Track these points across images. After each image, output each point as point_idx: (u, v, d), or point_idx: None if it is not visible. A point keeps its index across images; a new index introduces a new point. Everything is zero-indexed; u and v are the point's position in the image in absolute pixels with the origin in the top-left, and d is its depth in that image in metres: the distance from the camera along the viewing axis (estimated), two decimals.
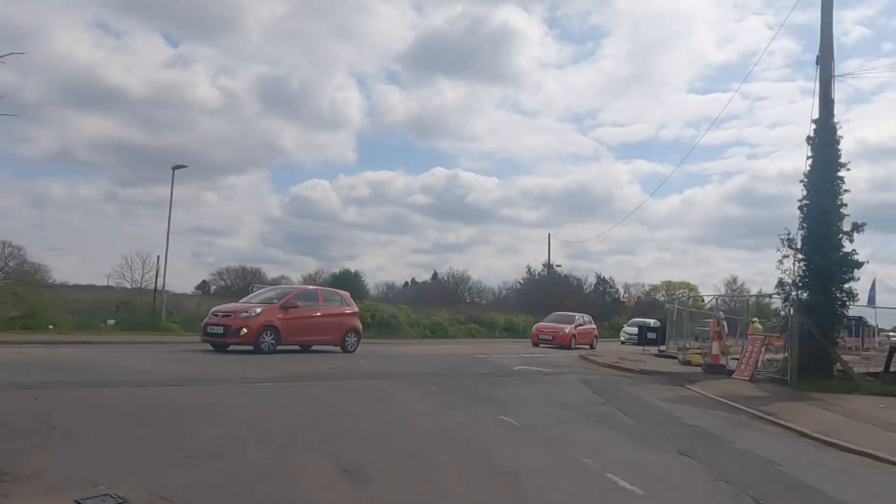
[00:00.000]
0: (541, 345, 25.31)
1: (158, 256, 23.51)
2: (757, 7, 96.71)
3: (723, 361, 16.21)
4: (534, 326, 28.01)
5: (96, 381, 8.29)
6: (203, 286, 58.36)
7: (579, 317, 27.89)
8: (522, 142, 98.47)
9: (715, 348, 16.50)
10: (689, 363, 18.14)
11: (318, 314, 15.72)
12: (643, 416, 9.12)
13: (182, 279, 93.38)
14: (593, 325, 28.98)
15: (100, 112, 78.42)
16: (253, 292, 18.00)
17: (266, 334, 14.01)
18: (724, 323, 18.55)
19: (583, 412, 8.95)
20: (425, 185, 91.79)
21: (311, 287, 18.62)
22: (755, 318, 22.38)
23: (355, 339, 16.58)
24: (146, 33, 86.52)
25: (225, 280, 56.67)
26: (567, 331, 25.85)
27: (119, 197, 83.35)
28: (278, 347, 14.31)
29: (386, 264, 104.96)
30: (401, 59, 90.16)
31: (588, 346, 26.19)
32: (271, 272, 60.70)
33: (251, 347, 13.86)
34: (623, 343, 32.27)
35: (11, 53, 5.14)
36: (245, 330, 13.73)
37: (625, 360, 18.86)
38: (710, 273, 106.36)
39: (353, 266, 66.61)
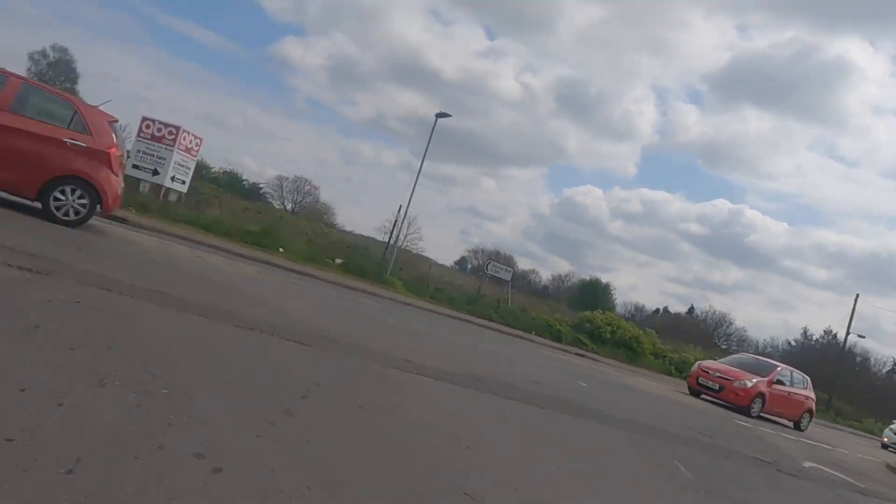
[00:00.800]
0: (702, 395, 16.90)
1: (401, 206, 22.16)
2: None
3: None
4: (696, 363, 18.66)
5: (219, 310, 5.95)
6: (461, 262, 60.68)
7: (784, 370, 17.81)
8: (829, 190, 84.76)
9: None
10: None
11: None
12: None
13: (445, 251, 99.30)
14: (809, 393, 18.04)
15: (415, 89, 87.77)
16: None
17: None
18: None
19: None
20: (702, 215, 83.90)
21: None
22: None
23: (85, 201, 8.31)
24: (470, 24, 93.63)
25: (478, 259, 58.81)
26: (749, 384, 16.02)
27: (412, 167, 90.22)
28: None
29: (639, 285, 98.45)
30: (709, 79, 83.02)
31: (791, 423, 17.49)
32: (523, 264, 60.55)
33: None
34: (885, 447, 23.27)
35: None
36: None
37: None
38: None
39: (605, 278, 62.55)
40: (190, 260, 9.62)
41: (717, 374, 16.68)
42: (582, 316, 27.04)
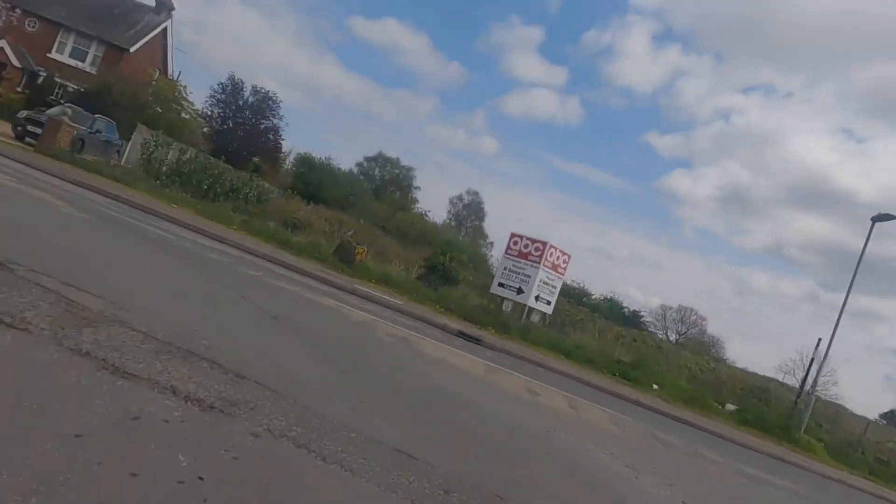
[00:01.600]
0: None
1: (820, 339, 16.75)
2: None
3: None
4: None
5: (487, 496, 3.25)
6: (889, 415, 47.28)
7: None
8: None
9: None
10: None
11: None
12: None
13: (866, 401, 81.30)
14: None
15: (820, 213, 77.64)
16: None
17: None
18: None
19: None
20: None
21: None
22: None
23: None
24: (892, 138, 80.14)
25: None
26: None
27: (819, 299, 78.46)
28: None
29: None
30: None
31: None
32: None
33: None
34: None
35: None
36: None
37: None
38: None
39: None
40: (516, 396, 7.17)
41: None
42: None
